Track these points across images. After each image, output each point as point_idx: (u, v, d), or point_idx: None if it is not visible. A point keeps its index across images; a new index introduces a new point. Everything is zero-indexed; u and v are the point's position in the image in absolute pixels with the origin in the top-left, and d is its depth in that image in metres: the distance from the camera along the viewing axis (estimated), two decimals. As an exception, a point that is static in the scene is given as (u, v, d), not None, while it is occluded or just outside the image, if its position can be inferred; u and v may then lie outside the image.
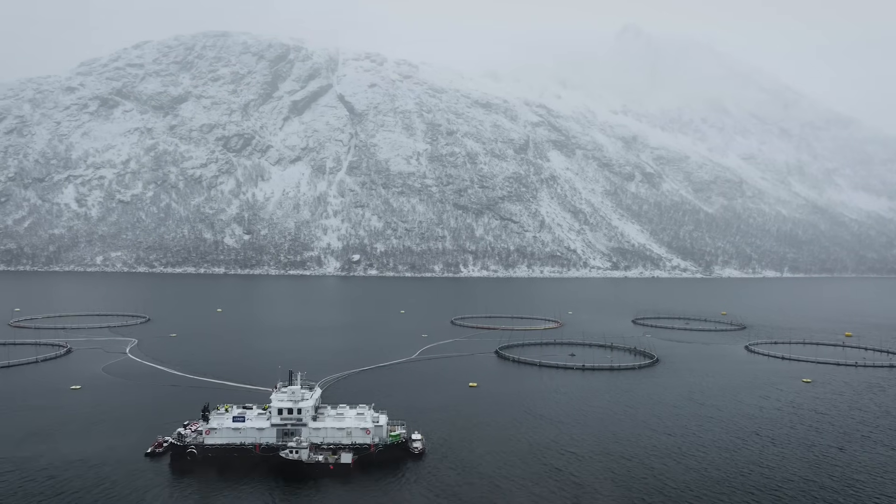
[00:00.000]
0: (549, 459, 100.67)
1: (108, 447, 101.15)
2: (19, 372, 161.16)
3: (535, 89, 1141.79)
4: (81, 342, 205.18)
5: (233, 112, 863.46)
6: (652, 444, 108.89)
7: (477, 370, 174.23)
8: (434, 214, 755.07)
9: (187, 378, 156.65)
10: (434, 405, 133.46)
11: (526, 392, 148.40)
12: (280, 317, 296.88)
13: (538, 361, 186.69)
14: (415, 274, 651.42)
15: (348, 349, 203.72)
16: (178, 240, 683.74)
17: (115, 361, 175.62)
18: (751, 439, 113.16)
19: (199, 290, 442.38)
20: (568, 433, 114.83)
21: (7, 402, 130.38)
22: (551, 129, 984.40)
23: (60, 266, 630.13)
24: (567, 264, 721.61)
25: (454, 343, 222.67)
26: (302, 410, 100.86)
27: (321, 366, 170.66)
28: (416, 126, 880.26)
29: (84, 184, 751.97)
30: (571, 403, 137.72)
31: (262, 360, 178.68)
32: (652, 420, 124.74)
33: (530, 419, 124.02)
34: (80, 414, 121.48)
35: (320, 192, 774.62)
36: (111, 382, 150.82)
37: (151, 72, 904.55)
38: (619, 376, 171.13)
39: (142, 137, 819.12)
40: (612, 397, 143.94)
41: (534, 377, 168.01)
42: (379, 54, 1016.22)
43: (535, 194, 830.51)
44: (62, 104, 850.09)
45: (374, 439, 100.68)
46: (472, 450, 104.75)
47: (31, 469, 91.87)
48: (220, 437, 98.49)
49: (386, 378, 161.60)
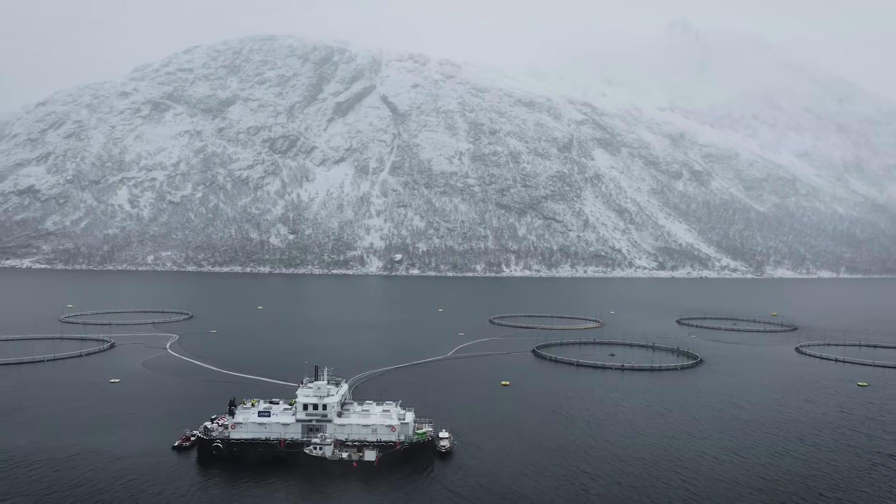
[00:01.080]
0: (575, 462, 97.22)
1: (137, 440, 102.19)
2: (64, 365, 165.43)
3: (580, 87, 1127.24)
4: (125, 337, 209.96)
5: (278, 114, 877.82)
6: (685, 448, 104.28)
7: (511, 369, 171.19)
8: (476, 214, 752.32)
9: (222, 373, 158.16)
10: (464, 404, 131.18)
11: (560, 392, 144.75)
12: (319, 315, 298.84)
13: (576, 361, 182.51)
14: (456, 273, 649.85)
15: (383, 347, 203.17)
16: (225, 239, 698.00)
17: (155, 356, 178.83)
18: (793, 445, 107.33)
19: (242, 288, 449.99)
20: (597, 435, 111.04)
21: (48, 393, 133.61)
22: (596, 128, 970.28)
23: (114, 265, 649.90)
24: (611, 264, 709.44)
25: (491, 342, 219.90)
26: (327, 406, 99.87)
27: (355, 363, 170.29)
28: (459, 126, 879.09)
29: (137, 185, 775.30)
30: (605, 404, 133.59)
31: (296, 356, 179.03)
32: (688, 423, 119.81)
33: (561, 419, 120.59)
34: (115, 407, 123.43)
35: (363, 193, 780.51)
36: (148, 377, 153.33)
37: (201, 76, 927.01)
38: (660, 377, 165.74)
39: (191, 140, 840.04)
40: (648, 399, 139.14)
41: (570, 377, 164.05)
42: (422, 55, 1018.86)
43: (579, 193, 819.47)
44: (117, 109, 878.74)
45: (399, 437, 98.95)
46: (499, 450, 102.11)
47: (58, 458, 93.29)
48: (245, 432, 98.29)
49: (418, 376, 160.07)
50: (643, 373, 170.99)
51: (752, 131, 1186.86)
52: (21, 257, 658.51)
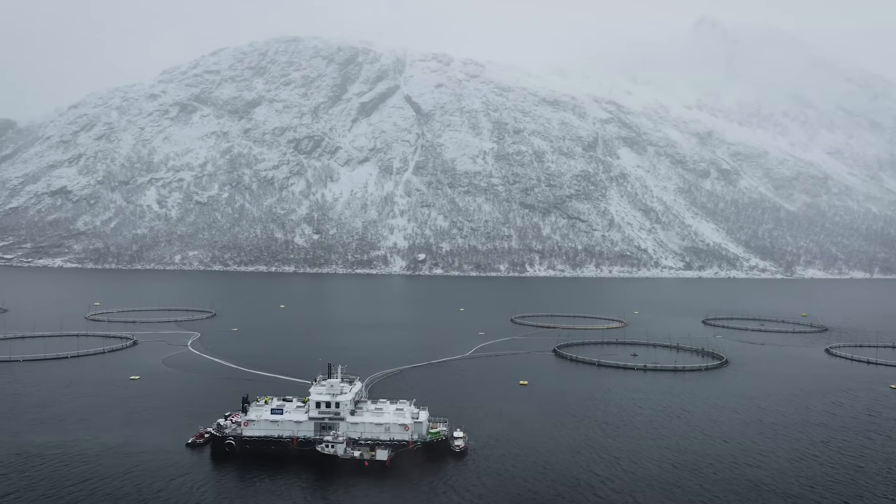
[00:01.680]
0: (588, 464, 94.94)
1: (151, 436, 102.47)
2: (87, 361, 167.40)
3: (605, 85, 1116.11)
4: (148, 335, 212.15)
5: (303, 115, 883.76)
6: (704, 451, 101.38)
7: (530, 368, 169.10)
8: (500, 213, 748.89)
9: (241, 371, 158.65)
10: (481, 403, 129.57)
11: (579, 392, 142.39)
12: (341, 314, 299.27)
13: (597, 361, 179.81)
14: (480, 273, 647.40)
15: (402, 346, 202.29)
16: (250, 239, 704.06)
17: (175, 354, 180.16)
18: (817, 449, 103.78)
19: (266, 287, 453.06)
20: (614, 436, 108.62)
21: (68, 389, 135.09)
22: (621, 126, 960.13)
23: (142, 264, 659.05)
24: (637, 264, 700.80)
25: (511, 341, 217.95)
26: (340, 404, 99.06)
27: (372, 361, 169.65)
28: (483, 125, 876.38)
29: (165, 186, 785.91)
30: (625, 405, 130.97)
31: (315, 354, 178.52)
32: (708, 425, 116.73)
33: (578, 420, 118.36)
34: (132, 403, 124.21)
35: (387, 192, 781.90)
36: (168, 374, 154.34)
37: (227, 77, 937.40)
38: (683, 378, 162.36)
39: (218, 141, 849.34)
40: (669, 400, 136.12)
41: (590, 377, 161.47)
42: (446, 54, 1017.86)
43: (605, 192, 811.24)
44: (146, 111, 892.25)
45: (412, 436, 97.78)
46: (514, 450, 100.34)
47: (70, 454, 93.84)
48: (257, 430, 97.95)
49: (435, 375, 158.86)
50: (666, 373, 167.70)
51: (782, 129, 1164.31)
52: (53, 257, 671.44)
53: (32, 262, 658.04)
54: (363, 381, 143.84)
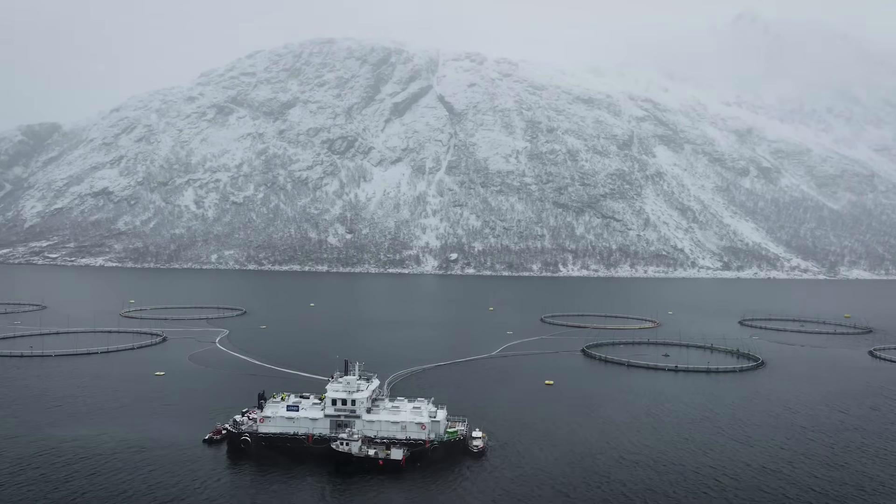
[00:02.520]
0: (608, 468, 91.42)
1: (168, 432, 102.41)
2: (115, 357, 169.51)
3: (641, 83, 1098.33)
4: (178, 332, 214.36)
5: (337, 115, 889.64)
6: (730, 456, 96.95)
7: (557, 368, 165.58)
8: (533, 213, 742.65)
9: (265, 367, 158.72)
10: (503, 403, 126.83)
11: (605, 392, 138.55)
12: (370, 312, 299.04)
13: (626, 361, 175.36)
14: (512, 273, 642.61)
15: (428, 344, 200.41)
16: (285, 239, 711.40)
17: (202, 350, 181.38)
18: (853, 455, 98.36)
19: (299, 286, 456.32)
20: (637, 439, 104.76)
21: (93, 383, 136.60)
22: (657, 124, 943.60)
23: (180, 264, 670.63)
24: (673, 264, 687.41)
25: (540, 340, 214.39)
26: (356, 402, 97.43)
27: (397, 360, 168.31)
28: (516, 124, 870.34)
29: (202, 187, 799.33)
30: (651, 406, 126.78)
31: (340, 352, 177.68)
32: (735, 427, 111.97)
33: (603, 421, 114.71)
34: (154, 399, 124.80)
35: (420, 192, 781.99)
36: (193, 370, 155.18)
37: (263, 79, 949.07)
38: (716, 379, 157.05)
39: (254, 142, 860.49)
40: (698, 401, 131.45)
41: (618, 377, 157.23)
42: (479, 54, 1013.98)
43: (640, 191, 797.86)
44: (184, 113, 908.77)
45: (429, 435, 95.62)
46: (533, 451, 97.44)
47: (87, 447, 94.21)
48: (273, 426, 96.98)
49: (459, 374, 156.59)
50: (698, 374, 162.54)
51: (826, 126, 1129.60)
52: (95, 256, 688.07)
53: (75, 261, 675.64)
54: (386, 380, 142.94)
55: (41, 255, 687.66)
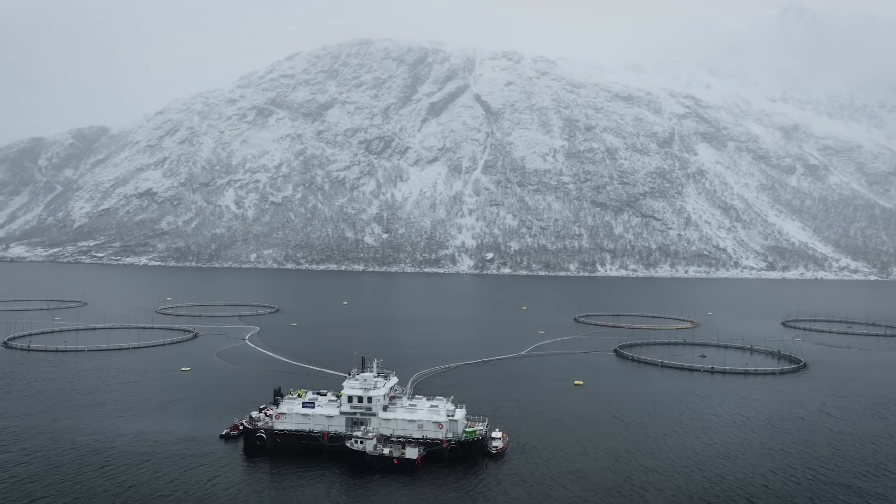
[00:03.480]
0: (628, 472, 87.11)
1: (186, 426, 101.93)
2: (146, 353, 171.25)
3: (682, 80, 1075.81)
4: (210, 328, 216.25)
5: (374, 116, 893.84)
6: (758, 462, 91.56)
7: (588, 368, 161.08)
8: (570, 212, 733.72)
9: (291, 364, 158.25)
10: (528, 403, 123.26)
11: (636, 394, 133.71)
12: (402, 311, 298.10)
13: (660, 362, 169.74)
14: (549, 273, 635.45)
15: (457, 343, 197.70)
16: (322, 238, 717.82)
17: (231, 347, 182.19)
18: (893, 464, 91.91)
19: (334, 285, 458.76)
20: (663, 442, 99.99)
21: (118, 378, 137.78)
22: (699, 121, 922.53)
23: (220, 263, 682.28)
24: (715, 264, 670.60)
25: (572, 340, 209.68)
26: (372, 399, 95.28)
27: (424, 358, 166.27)
28: (553, 122, 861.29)
29: (242, 187, 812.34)
30: (682, 408, 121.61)
31: (367, 350, 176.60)
32: (768, 432, 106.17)
33: (630, 423, 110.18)
34: (176, 393, 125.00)
35: (456, 192, 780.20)
36: (219, 366, 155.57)
37: (301, 81, 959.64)
38: (754, 381, 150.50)
39: (292, 143, 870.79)
40: (732, 404, 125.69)
41: (651, 378, 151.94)
42: (516, 52, 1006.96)
43: (681, 190, 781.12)
44: (225, 115, 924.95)
45: (446, 434, 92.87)
46: (555, 454, 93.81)
47: (102, 439, 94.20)
48: (288, 423, 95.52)
49: (485, 373, 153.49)
50: (735, 376, 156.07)
51: (878, 121, 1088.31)
52: (139, 255, 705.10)
53: (120, 259, 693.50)
54: (410, 378, 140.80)
55: (88, 255, 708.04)
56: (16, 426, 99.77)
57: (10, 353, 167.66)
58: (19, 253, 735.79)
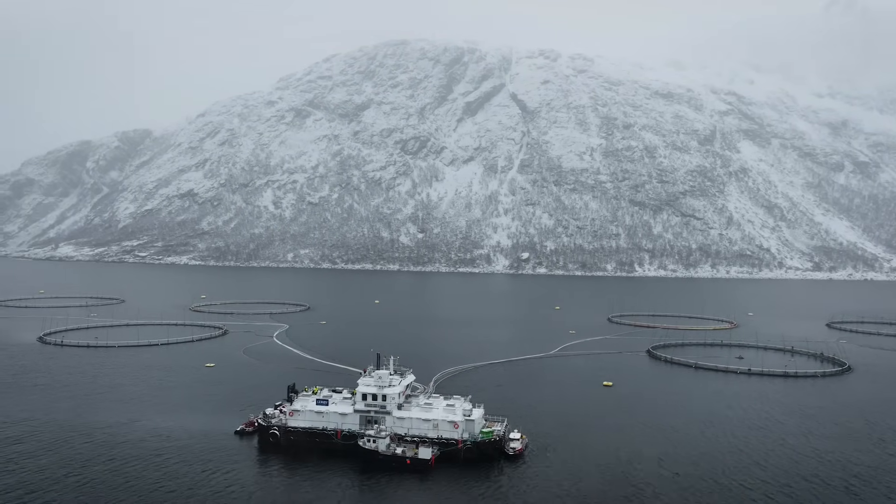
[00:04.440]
0: (652, 478, 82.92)
1: (203, 422, 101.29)
2: (174, 349, 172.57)
3: (724, 76, 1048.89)
4: (240, 325, 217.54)
5: (410, 116, 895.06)
6: (786, 468, 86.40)
7: (618, 369, 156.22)
8: (608, 211, 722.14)
9: (315, 362, 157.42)
10: (553, 403, 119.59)
11: (667, 395, 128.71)
12: (434, 310, 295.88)
13: (694, 363, 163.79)
14: (585, 273, 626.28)
15: (485, 342, 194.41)
16: (358, 238, 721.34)
17: (258, 344, 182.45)
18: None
19: (368, 284, 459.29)
20: (691, 446, 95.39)
21: (143, 373, 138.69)
22: (742, 118, 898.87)
23: (258, 262, 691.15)
24: (758, 264, 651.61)
25: (604, 340, 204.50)
26: (387, 397, 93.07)
27: (450, 356, 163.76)
28: (591, 121, 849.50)
29: (280, 188, 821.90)
30: (714, 411, 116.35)
31: (394, 348, 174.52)
32: (803, 438, 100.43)
33: (656, 426, 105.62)
34: (198, 389, 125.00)
35: (491, 191, 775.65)
36: (243, 362, 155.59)
37: (339, 82, 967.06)
38: (793, 384, 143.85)
39: (329, 144, 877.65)
40: (768, 408, 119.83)
41: (684, 380, 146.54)
42: (553, 50, 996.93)
43: (722, 188, 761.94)
44: (264, 117, 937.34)
45: (462, 435, 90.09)
46: (574, 456, 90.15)
47: (117, 433, 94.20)
48: (302, 420, 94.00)
49: (511, 372, 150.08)
50: (773, 379, 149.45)
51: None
52: (180, 254, 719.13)
53: (162, 259, 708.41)
54: (434, 377, 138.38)
55: (132, 254, 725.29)
56: (35, 419, 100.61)
57: (44, 347, 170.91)
58: (67, 252, 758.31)
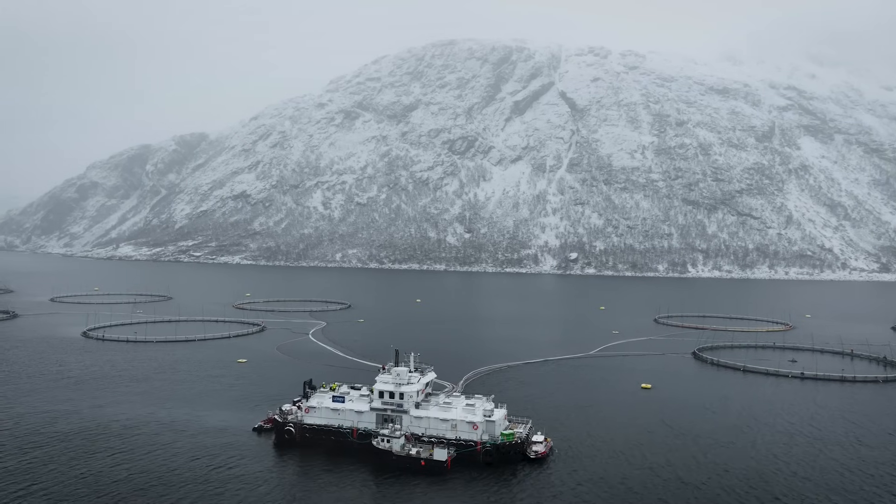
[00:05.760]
0: (683, 488, 76.85)
1: (222, 417, 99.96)
2: (210, 344, 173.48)
3: (784, 70, 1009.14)
4: (278, 323, 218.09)
5: (457, 116, 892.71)
6: (826, 481, 78.78)
7: (659, 371, 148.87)
8: (660, 211, 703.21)
9: (347, 359, 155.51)
10: (586, 406, 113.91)
11: (709, 399, 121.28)
12: (475, 310, 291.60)
13: (742, 366, 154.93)
14: (636, 273, 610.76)
15: (522, 341, 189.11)
16: (405, 238, 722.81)
17: (293, 341, 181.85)
18: None
19: (413, 283, 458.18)
20: (727, 454, 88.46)
21: (173, 368, 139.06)
22: (803, 113, 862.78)
23: (307, 262, 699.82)
24: (820, 265, 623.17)
25: (648, 341, 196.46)
26: (404, 395, 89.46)
27: (484, 355, 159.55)
28: (642, 118, 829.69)
29: (329, 189, 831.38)
30: (758, 416, 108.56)
31: (428, 346, 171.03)
32: (850, 447, 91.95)
33: (692, 433, 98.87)
34: (223, 384, 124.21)
35: (540, 191, 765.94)
36: (275, 359, 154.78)
37: (387, 84, 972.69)
38: (850, 390, 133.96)
39: (378, 145, 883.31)
40: (817, 414, 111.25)
41: (729, 383, 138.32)
42: (603, 47, 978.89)
43: (781, 186, 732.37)
44: (314, 119, 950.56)
45: (482, 436, 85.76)
46: (601, 461, 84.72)
47: (131, 426, 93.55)
48: (317, 417, 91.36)
49: (544, 373, 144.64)
50: (828, 383, 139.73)
51: None
52: (233, 254, 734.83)
53: (215, 259, 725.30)
54: (464, 376, 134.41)
55: (187, 254, 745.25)
56: (56, 409, 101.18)
57: (86, 342, 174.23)
58: (127, 252, 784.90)
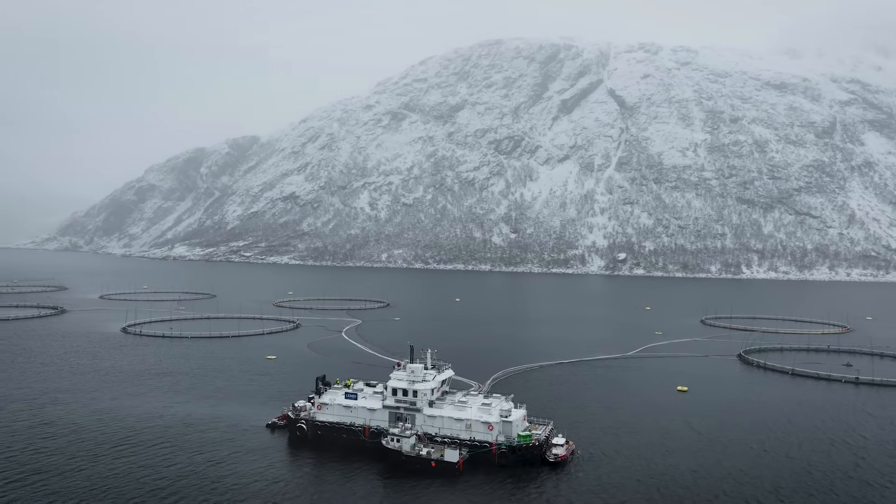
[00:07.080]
0: (711, 498, 71.06)
1: (238, 413, 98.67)
2: (242, 341, 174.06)
3: (846, 63, 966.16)
4: (314, 320, 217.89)
5: (504, 116, 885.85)
6: (860, 496, 71.65)
7: (699, 374, 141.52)
8: (713, 210, 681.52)
9: (376, 357, 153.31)
10: (617, 408, 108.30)
11: (751, 404, 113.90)
12: (516, 310, 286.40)
13: (791, 369, 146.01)
14: (687, 274, 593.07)
15: (558, 341, 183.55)
16: (450, 238, 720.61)
17: (325, 338, 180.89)
18: None
19: (456, 284, 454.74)
20: (762, 465, 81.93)
21: (201, 363, 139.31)
22: (867, 108, 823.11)
23: (353, 262, 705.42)
24: (885, 266, 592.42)
25: (692, 342, 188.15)
26: (417, 393, 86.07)
27: (517, 355, 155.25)
28: (694, 115, 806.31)
29: (376, 189, 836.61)
30: (803, 424, 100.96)
31: (460, 345, 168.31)
32: (892, 458, 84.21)
33: (726, 439, 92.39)
34: (246, 380, 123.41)
35: (587, 190, 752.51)
36: (303, 356, 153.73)
37: (433, 84, 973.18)
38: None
39: (424, 145, 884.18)
40: (871, 422, 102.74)
41: (776, 388, 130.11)
42: (653, 44, 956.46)
43: (843, 184, 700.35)
44: (362, 120, 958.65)
45: (497, 437, 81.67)
46: (624, 467, 79.47)
47: (144, 419, 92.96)
48: (329, 415, 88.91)
49: (577, 373, 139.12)
50: (886, 389, 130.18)
51: None
52: (282, 254, 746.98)
53: (265, 258, 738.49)
54: (492, 375, 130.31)
55: (238, 254, 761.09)
56: (76, 401, 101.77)
57: (125, 337, 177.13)
58: (181, 252, 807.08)
